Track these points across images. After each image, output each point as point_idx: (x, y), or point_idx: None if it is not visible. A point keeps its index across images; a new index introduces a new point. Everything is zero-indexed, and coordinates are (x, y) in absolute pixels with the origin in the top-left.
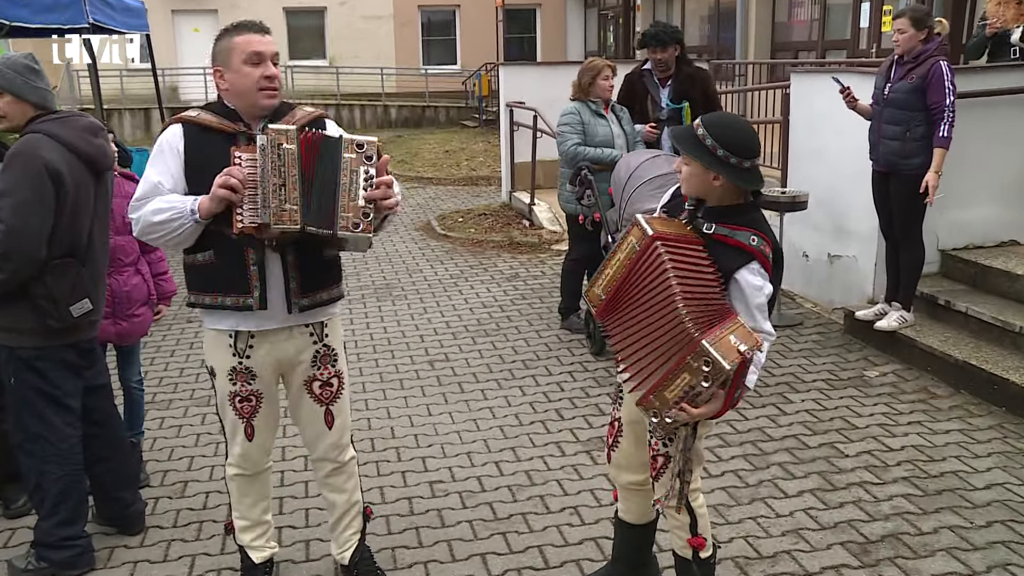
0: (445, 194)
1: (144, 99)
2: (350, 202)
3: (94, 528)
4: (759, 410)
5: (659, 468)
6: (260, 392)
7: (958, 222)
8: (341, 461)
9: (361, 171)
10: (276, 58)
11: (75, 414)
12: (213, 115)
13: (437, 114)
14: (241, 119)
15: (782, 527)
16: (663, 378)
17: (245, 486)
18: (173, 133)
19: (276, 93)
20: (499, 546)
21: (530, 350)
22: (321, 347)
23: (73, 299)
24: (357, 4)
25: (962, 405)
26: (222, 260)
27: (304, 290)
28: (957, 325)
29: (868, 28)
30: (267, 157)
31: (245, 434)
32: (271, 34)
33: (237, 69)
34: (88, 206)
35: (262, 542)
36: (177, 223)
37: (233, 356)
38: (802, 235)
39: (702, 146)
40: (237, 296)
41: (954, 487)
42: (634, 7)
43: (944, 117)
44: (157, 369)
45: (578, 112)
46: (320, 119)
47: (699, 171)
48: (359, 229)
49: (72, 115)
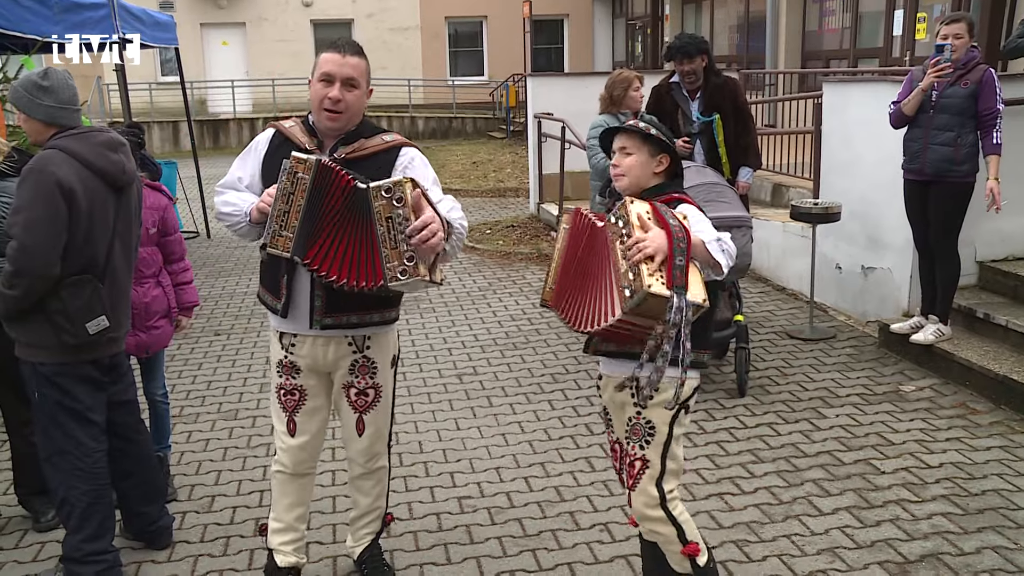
0: (472, 206)
1: (173, 112)
2: (392, 250)
3: (122, 543)
4: (792, 425)
5: (636, 474)
6: (304, 388)
7: (998, 233)
8: (369, 468)
9: (395, 216)
10: (353, 81)
11: (99, 428)
12: (300, 128)
13: (464, 125)
14: (316, 136)
15: (817, 545)
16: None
17: (285, 484)
18: (265, 136)
19: (337, 116)
20: (529, 563)
21: (559, 363)
22: (360, 357)
23: (90, 316)
24: (384, 16)
25: (1003, 421)
26: (269, 263)
27: (329, 311)
28: (997, 339)
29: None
30: (282, 181)
31: (288, 429)
32: (360, 56)
33: (313, 85)
34: (106, 222)
35: (290, 549)
36: (236, 219)
37: (281, 349)
38: (835, 247)
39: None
40: (273, 298)
41: (996, 506)
42: (662, 17)
43: (996, 123)
44: (185, 382)
45: (605, 124)
46: (393, 148)
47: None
48: (407, 276)
49: (92, 131)
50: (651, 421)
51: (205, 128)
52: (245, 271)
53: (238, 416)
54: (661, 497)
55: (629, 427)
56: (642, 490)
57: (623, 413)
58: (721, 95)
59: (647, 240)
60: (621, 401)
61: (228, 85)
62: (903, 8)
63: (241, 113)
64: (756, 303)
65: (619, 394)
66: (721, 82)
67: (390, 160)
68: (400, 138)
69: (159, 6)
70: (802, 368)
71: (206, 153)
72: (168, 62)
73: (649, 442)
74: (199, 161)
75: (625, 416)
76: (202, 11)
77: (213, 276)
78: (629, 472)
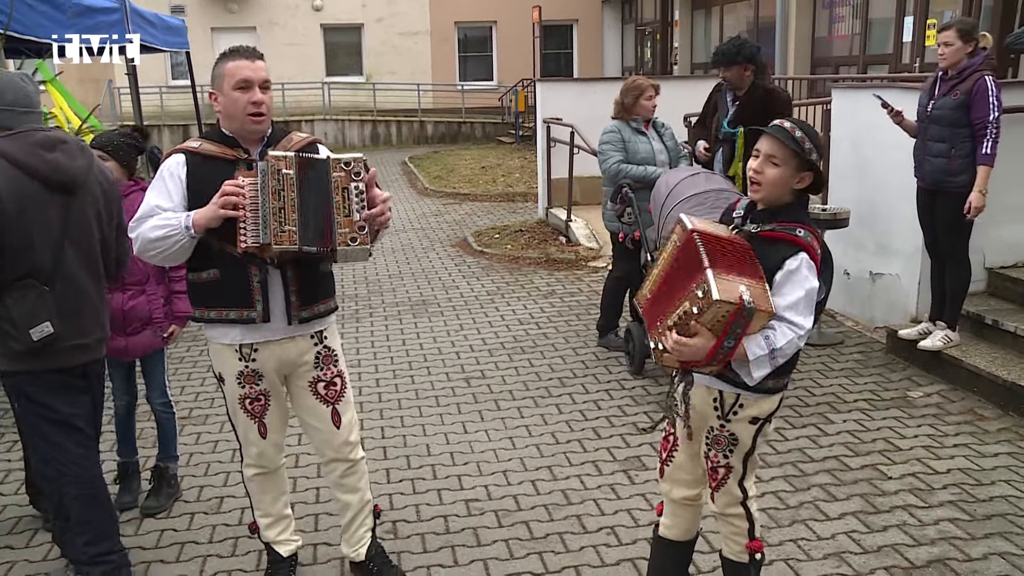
0: (481, 210)
1: (183, 116)
2: (344, 218)
3: (132, 543)
4: (799, 430)
5: (720, 479)
6: (268, 391)
7: (1007, 240)
8: (353, 459)
9: (352, 188)
10: (266, 84)
11: (85, 433)
12: (213, 143)
13: (473, 130)
14: (239, 145)
15: (824, 550)
16: (670, 305)
17: (265, 483)
18: (176, 162)
19: (262, 118)
20: (535, 566)
21: (567, 368)
22: (322, 348)
23: (33, 322)
24: (394, 21)
25: (1011, 428)
26: (227, 276)
27: (304, 303)
28: (1005, 345)
29: (911, 42)
30: (267, 181)
31: (259, 432)
32: (263, 59)
33: (228, 94)
34: (46, 226)
35: (287, 536)
36: (173, 239)
37: (240, 361)
38: (844, 253)
39: (800, 148)
40: (241, 310)
41: (1004, 512)
42: (672, 23)
43: (987, 133)
44: (194, 384)
45: (619, 130)
46: (313, 144)
47: (788, 175)
48: (356, 243)
49: (30, 130)
50: (734, 434)
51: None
52: None
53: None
54: (743, 495)
55: (711, 437)
56: (726, 491)
57: (705, 422)
58: (754, 107)
59: (685, 348)
60: (704, 412)
61: None
62: (913, 14)
63: None
64: None
65: (702, 404)
66: (762, 95)
67: (314, 152)
68: (311, 136)
69: (170, 10)
70: (810, 373)
71: None
72: (179, 66)
73: (732, 451)
74: None
75: (707, 426)
76: (213, 15)
77: None
78: (712, 476)
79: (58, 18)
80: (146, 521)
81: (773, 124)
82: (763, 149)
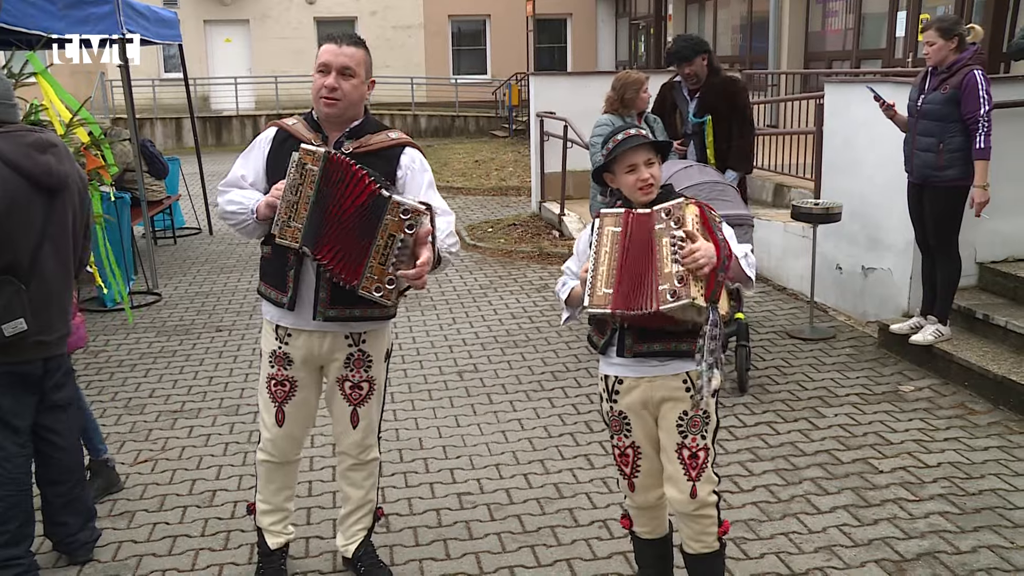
0: (474, 204)
1: (176, 109)
2: (379, 265)
3: (117, 536)
4: (791, 424)
5: (701, 464)
6: (295, 380)
7: (998, 234)
8: (362, 460)
9: (399, 238)
10: (348, 70)
11: (22, 434)
12: (303, 124)
13: (467, 124)
14: (320, 130)
15: (815, 543)
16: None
17: (272, 473)
18: (267, 134)
19: (333, 103)
20: (527, 559)
21: (559, 361)
22: (356, 351)
23: (8, 317)
24: (388, 14)
25: (1001, 421)
26: (274, 257)
27: (333, 302)
28: (996, 339)
29: (904, 37)
30: (291, 173)
31: (276, 419)
32: (359, 47)
33: (313, 76)
34: (29, 224)
35: (279, 527)
36: (242, 217)
37: (276, 340)
38: (836, 247)
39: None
40: (278, 292)
41: (993, 505)
42: (665, 17)
43: (979, 127)
44: (186, 378)
45: (611, 124)
46: (397, 146)
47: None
48: (380, 295)
49: (21, 130)
50: (707, 411)
51: (208, 125)
52: (247, 268)
53: (239, 412)
54: (717, 479)
55: (686, 421)
56: (708, 478)
57: (673, 411)
58: (716, 96)
59: (701, 252)
60: (666, 399)
61: (231, 82)
62: (906, 9)
63: (244, 110)
64: (756, 303)
65: (665, 393)
66: (719, 82)
67: (394, 157)
68: (405, 137)
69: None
70: (802, 368)
71: (209, 150)
72: (171, 59)
73: (707, 431)
74: (202, 158)
75: (677, 412)
76: (206, 8)
77: (215, 273)
78: (692, 464)
79: (49, 9)
80: (138, 514)
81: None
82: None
